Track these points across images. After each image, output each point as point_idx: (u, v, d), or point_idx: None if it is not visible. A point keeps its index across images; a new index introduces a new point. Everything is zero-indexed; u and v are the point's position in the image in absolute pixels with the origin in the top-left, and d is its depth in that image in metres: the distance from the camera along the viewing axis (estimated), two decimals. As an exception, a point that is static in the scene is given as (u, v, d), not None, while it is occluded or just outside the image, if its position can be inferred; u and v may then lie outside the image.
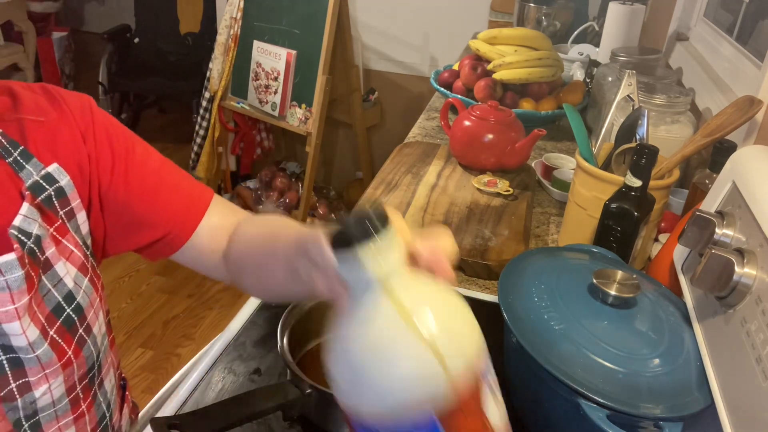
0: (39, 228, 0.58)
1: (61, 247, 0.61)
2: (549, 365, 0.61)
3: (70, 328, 0.61)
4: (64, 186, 0.61)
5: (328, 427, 0.69)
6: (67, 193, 0.62)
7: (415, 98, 2.89)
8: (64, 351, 0.60)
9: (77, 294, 0.62)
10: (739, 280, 0.59)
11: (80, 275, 0.63)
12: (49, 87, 0.66)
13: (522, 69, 1.54)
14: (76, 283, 0.62)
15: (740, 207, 0.66)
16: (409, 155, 1.33)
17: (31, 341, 0.57)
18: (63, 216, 0.62)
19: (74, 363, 0.61)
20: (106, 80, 3.46)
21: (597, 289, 0.68)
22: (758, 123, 0.94)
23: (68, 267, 0.61)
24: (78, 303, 0.62)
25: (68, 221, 0.62)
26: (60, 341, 0.60)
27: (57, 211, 0.61)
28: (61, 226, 0.61)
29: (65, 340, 0.60)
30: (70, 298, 0.61)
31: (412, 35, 2.80)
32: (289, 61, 2.42)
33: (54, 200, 0.61)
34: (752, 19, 1.26)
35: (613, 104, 1.04)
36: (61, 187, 0.61)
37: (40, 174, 0.60)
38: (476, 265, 0.99)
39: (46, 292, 0.59)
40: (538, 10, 2.22)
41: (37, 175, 0.60)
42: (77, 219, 0.63)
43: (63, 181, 0.61)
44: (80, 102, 0.66)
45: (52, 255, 0.59)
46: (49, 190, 0.60)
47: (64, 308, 0.60)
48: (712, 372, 0.61)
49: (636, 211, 0.85)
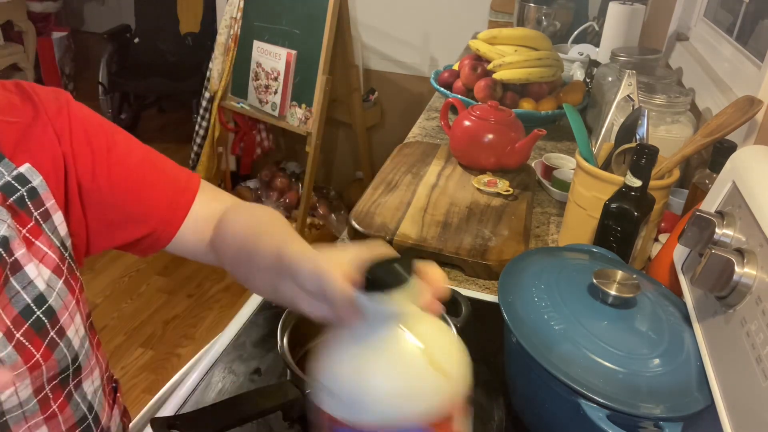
0: (7, 229, 0.57)
1: (34, 249, 0.60)
2: (549, 365, 0.61)
3: (39, 331, 0.59)
4: (36, 186, 0.60)
5: (328, 427, 0.69)
6: (40, 192, 0.61)
7: (415, 98, 2.89)
8: (32, 353, 0.59)
9: (49, 296, 0.60)
10: (739, 280, 0.59)
11: (54, 277, 0.61)
12: (24, 84, 0.64)
13: (522, 69, 1.54)
14: (49, 285, 0.61)
15: (740, 207, 0.66)
16: (409, 155, 1.33)
17: None
18: (37, 217, 0.61)
19: (43, 365, 0.60)
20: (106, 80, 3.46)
21: (597, 289, 0.68)
22: (758, 123, 0.94)
23: (41, 269, 0.60)
24: (50, 305, 0.60)
25: (43, 222, 0.61)
26: (27, 344, 0.58)
27: (31, 212, 0.60)
28: (35, 228, 0.60)
29: (33, 342, 0.59)
30: (41, 301, 0.60)
31: (412, 35, 2.80)
32: (289, 61, 2.42)
33: (27, 201, 0.60)
34: (752, 19, 1.26)
35: (613, 104, 1.04)
36: (33, 187, 0.60)
37: (11, 174, 0.59)
38: (476, 265, 0.99)
39: (14, 294, 0.58)
40: (538, 10, 2.22)
41: (8, 176, 0.58)
42: (53, 220, 0.62)
43: (36, 181, 0.60)
44: (56, 99, 0.65)
45: (22, 256, 0.58)
46: (22, 190, 0.59)
47: (34, 310, 0.59)
48: (712, 372, 0.61)
49: (636, 211, 0.85)
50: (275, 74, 2.46)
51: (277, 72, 2.46)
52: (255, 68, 2.54)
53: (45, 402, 0.62)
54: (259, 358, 0.80)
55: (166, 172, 0.71)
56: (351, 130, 2.85)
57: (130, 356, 2.19)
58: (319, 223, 2.72)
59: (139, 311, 2.43)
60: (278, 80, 2.46)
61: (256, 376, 0.78)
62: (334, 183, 3.15)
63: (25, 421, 0.60)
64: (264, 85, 2.51)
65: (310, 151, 2.41)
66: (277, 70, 2.45)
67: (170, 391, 0.82)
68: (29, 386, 0.60)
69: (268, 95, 2.51)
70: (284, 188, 2.80)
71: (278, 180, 2.82)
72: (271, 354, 0.81)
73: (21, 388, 0.59)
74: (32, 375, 0.59)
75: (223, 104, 2.66)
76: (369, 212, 1.08)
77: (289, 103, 2.47)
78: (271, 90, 2.50)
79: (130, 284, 2.56)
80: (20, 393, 0.59)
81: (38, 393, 0.61)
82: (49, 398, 0.62)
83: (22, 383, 0.59)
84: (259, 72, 2.52)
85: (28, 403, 0.60)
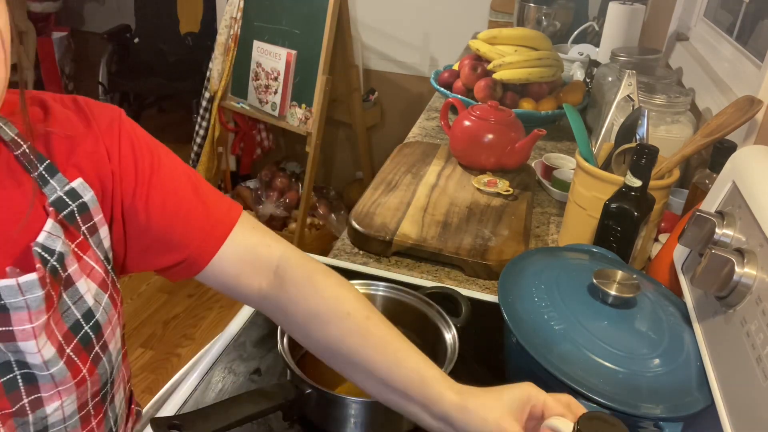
0: (62, 245, 0.57)
1: (83, 264, 0.60)
2: (549, 365, 0.61)
3: (86, 346, 0.60)
4: (87, 201, 0.60)
5: (328, 427, 0.69)
6: (90, 208, 0.60)
7: (415, 98, 2.89)
8: (79, 369, 0.59)
9: (96, 311, 0.61)
10: (739, 280, 0.59)
11: (100, 292, 0.62)
12: (80, 100, 0.64)
13: (522, 69, 1.54)
14: (96, 300, 0.61)
15: (740, 207, 0.66)
16: (409, 155, 1.33)
17: (46, 359, 0.56)
18: (85, 231, 0.60)
19: (88, 380, 0.60)
20: (106, 80, 3.46)
21: (597, 289, 0.68)
22: (758, 123, 0.94)
23: (89, 284, 0.60)
24: (97, 320, 0.61)
25: (90, 236, 0.61)
26: (76, 359, 0.59)
27: (79, 227, 0.60)
28: (83, 242, 0.60)
29: (81, 358, 0.59)
30: (89, 316, 0.60)
31: (412, 35, 2.80)
32: (289, 61, 2.42)
33: (77, 216, 0.59)
34: (752, 19, 1.26)
35: (613, 104, 1.04)
36: (84, 202, 0.60)
37: (64, 189, 0.59)
38: (476, 265, 0.99)
39: (66, 309, 0.58)
40: (538, 10, 2.22)
41: (60, 191, 0.58)
42: (99, 234, 0.62)
43: (87, 196, 0.60)
44: (109, 116, 0.64)
45: (74, 272, 0.58)
46: (72, 205, 0.59)
47: (83, 326, 0.59)
48: (712, 372, 0.61)
49: (636, 211, 0.85)
50: (275, 74, 2.46)
51: (277, 72, 2.46)
52: (255, 68, 2.54)
53: (86, 418, 0.62)
54: (259, 358, 0.80)
55: (206, 199, 0.68)
56: (351, 130, 2.84)
57: (130, 356, 2.19)
58: (319, 223, 2.72)
59: (139, 311, 2.43)
60: (278, 80, 2.46)
61: (256, 376, 0.78)
62: (334, 183, 3.15)
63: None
64: (264, 85, 2.51)
65: (310, 151, 2.41)
66: (277, 70, 2.45)
67: (170, 391, 0.82)
68: (75, 402, 0.60)
69: (268, 95, 2.51)
70: (284, 188, 2.80)
71: (278, 180, 2.82)
72: (271, 354, 0.81)
73: (67, 404, 0.59)
74: (78, 391, 0.60)
75: (223, 104, 2.66)
76: (369, 212, 1.08)
77: (289, 103, 2.47)
78: (271, 90, 2.50)
79: (130, 284, 2.56)
80: (65, 408, 0.59)
81: (82, 409, 0.61)
82: (90, 414, 0.63)
83: (69, 398, 0.59)
84: (259, 72, 2.52)
85: (71, 418, 0.60)
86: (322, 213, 2.74)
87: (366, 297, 0.80)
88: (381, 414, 0.68)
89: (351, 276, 0.96)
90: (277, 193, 2.77)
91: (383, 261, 1.03)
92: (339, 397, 0.67)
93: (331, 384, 0.74)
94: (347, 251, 1.06)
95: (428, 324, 0.77)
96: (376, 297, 0.81)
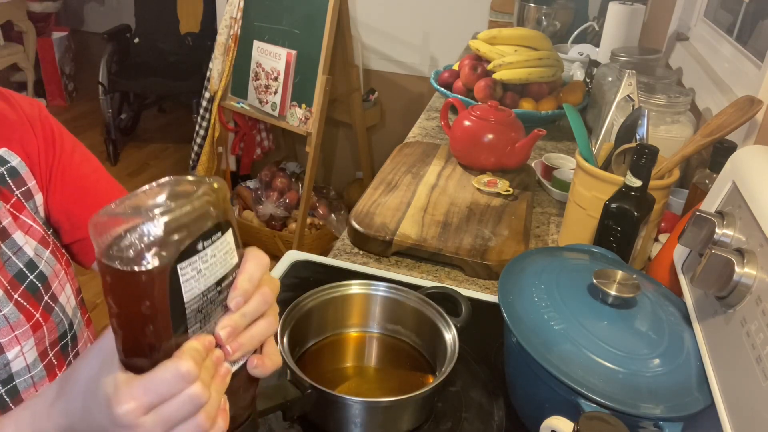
0: None
1: (20, 222, 0.65)
2: (549, 365, 0.61)
3: (34, 294, 0.64)
4: (15, 165, 0.66)
5: (328, 427, 0.69)
6: (21, 172, 0.66)
7: (415, 98, 2.90)
8: (31, 313, 0.63)
9: (39, 263, 0.65)
10: (739, 280, 0.59)
11: (40, 247, 0.66)
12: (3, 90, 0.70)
13: (522, 69, 1.54)
14: (37, 253, 0.65)
15: (740, 207, 0.66)
16: (409, 155, 1.33)
17: None
18: (19, 195, 0.66)
19: (44, 326, 0.64)
20: (106, 80, 3.46)
21: (597, 289, 0.68)
22: (758, 123, 0.94)
23: (27, 239, 0.65)
24: (40, 271, 0.65)
25: (26, 201, 0.67)
26: (25, 304, 0.63)
27: (12, 190, 0.65)
28: (18, 203, 0.66)
29: (31, 303, 0.63)
30: (32, 266, 0.64)
31: (412, 35, 2.80)
32: (289, 61, 2.42)
33: (7, 179, 0.65)
34: (752, 19, 1.26)
35: (613, 104, 1.04)
36: (12, 167, 0.65)
37: None
38: (476, 265, 0.99)
39: (7, 259, 0.63)
40: (538, 10, 2.22)
41: None
42: (35, 200, 0.68)
43: (14, 161, 0.66)
44: (30, 102, 0.71)
45: (9, 225, 0.63)
46: (1, 169, 0.65)
47: (27, 275, 0.64)
48: (712, 372, 0.61)
49: (636, 211, 0.85)
50: (275, 74, 2.46)
51: (277, 72, 2.46)
52: (255, 68, 2.53)
53: (50, 367, 0.65)
54: (259, 358, 0.80)
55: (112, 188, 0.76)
56: (351, 130, 2.84)
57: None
58: (319, 223, 2.72)
59: (139, 311, 2.42)
60: (278, 80, 2.46)
61: (256, 376, 0.78)
62: (334, 183, 3.15)
63: (33, 387, 0.63)
64: (264, 85, 2.51)
65: (310, 151, 2.41)
66: (277, 70, 2.45)
67: (170, 391, 0.81)
68: (34, 348, 0.63)
69: (268, 95, 2.51)
70: (284, 188, 2.80)
71: (278, 180, 2.82)
72: (271, 354, 0.81)
73: (27, 349, 0.62)
74: (35, 335, 0.63)
75: (223, 104, 2.66)
76: (369, 212, 1.08)
77: (289, 103, 2.47)
78: (271, 90, 2.50)
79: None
80: (26, 355, 0.62)
81: (43, 357, 0.64)
82: (54, 364, 0.66)
83: (27, 343, 0.62)
84: (259, 72, 2.52)
85: (35, 367, 0.63)
86: (322, 213, 2.74)
87: (366, 297, 0.81)
88: (381, 414, 0.68)
89: (351, 276, 0.96)
90: (277, 193, 2.77)
91: (383, 261, 1.03)
92: (339, 397, 0.67)
93: (331, 384, 0.74)
94: (347, 251, 1.06)
95: (428, 324, 0.77)
96: (376, 297, 0.81)
